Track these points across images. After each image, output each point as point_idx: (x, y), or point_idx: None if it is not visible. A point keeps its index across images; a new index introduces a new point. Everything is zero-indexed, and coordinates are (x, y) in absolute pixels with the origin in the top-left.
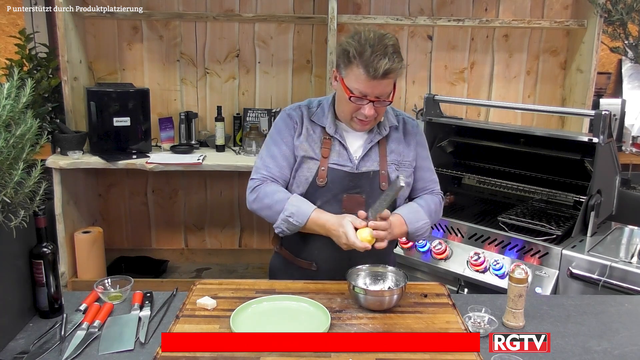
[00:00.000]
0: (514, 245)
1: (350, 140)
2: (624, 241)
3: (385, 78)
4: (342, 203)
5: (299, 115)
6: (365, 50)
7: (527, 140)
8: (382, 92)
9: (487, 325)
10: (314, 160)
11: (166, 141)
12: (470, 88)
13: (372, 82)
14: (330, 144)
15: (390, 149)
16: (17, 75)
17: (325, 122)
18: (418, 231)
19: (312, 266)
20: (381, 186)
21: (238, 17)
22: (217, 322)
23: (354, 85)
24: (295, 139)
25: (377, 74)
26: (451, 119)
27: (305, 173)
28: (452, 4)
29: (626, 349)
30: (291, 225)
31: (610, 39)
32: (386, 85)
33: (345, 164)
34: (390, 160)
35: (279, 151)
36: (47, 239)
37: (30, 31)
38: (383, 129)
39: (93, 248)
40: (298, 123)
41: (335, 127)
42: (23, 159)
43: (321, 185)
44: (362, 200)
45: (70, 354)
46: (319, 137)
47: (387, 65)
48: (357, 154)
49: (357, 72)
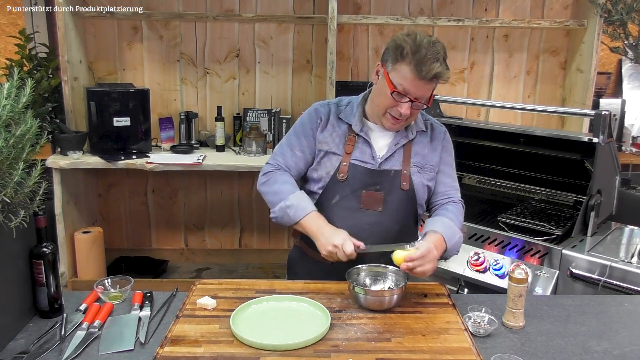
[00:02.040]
0: (514, 245)
1: (376, 139)
2: (624, 241)
3: (432, 82)
4: (361, 199)
5: (325, 112)
6: (420, 50)
7: (527, 140)
8: (424, 94)
9: (487, 325)
10: (337, 156)
11: (166, 141)
12: (470, 88)
13: (418, 83)
14: (354, 141)
15: (414, 152)
16: (17, 75)
17: (353, 120)
18: (454, 247)
19: (327, 260)
20: (402, 186)
21: (238, 17)
22: (217, 322)
23: (399, 81)
24: (319, 133)
25: (428, 75)
26: (451, 119)
27: (327, 167)
28: (452, 4)
29: (626, 349)
30: (286, 216)
31: (610, 39)
32: (429, 89)
33: (367, 161)
34: (413, 162)
35: (298, 143)
36: (47, 239)
37: (30, 31)
38: (410, 133)
39: (93, 248)
40: (323, 119)
41: (361, 126)
42: (23, 159)
43: (341, 179)
44: (381, 197)
45: (70, 354)
46: (344, 134)
47: (438, 69)
48: (382, 153)
49: (406, 69)
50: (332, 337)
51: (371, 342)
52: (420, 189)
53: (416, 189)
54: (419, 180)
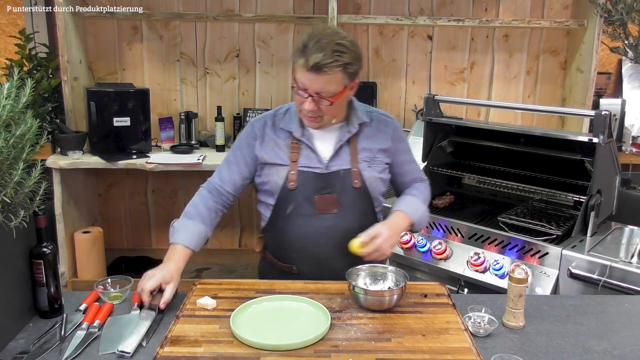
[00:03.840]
0: (514, 245)
1: (319, 142)
2: (624, 241)
3: (320, 73)
4: (315, 204)
5: (260, 126)
6: (310, 42)
7: (527, 140)
8: (322, 88)
9: (487, 325)
10: (283, 166)
11: (166, 141)
12: (470, 88)
13: (307, 75)
14: (298, 147)
15: (361, 147)
16: (17, 75)
17: (292, 126)
18: (421, 220)
19: (293, 269)
20: (353, 184)
21: (238, 17)
22: (217, 322)
23: (297, 75)
24: (259, 148)
25: (308, 65)
26: (451, 119)
27: (275, 179)
28: (452, 4)
29: (626, 349)
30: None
31: (610, 39)
32: (325, 82)
33: (315, 166)
34: (361, 158)
35: (234, 158)
36: (47, 239)
37: (30, 31)
38: (352, 127)
39: (93, 248)
40: (258, 134)
41: (302, 131)
42: (23, 159)
43: (292, 188)
44: (335, 199)
45: (70, 354)
46: (285, 143)
47: (317, 59)
48: (328, 155)
49: (299, 62)
50: (332, 337)
51: (371, 342)
52: (373, 183)
53: (369, 185)
54: (370, 175)
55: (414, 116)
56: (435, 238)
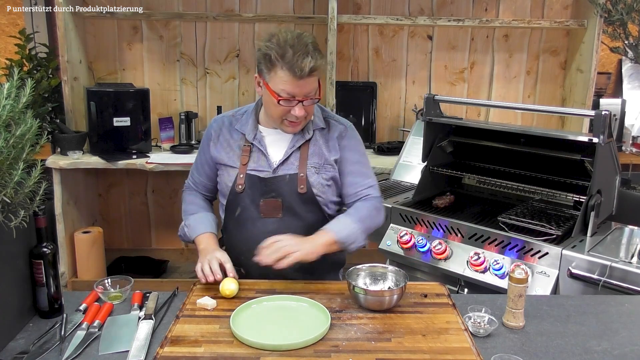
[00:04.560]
0: (514, 245)
1: (272, 145)
2: (624, 241)
3: (311, 76)
4: (260, 208)
5: (217, 126)
6: (286, 52)
7: (527, 140)
8: (309, 90)
9: (487, 325)
10: (233, 168)
11: (166, 141)
12: (470, 88)
13: (298, 82)
14: (249, 150)
15: (311, 152)
16: (17, 75)
17: (246, 129)
18: (348, 238)
19: (241, 271)
20: (299, 189)
21: (238, 17)
22: (217, 322)
23: (280, 87)
24: (213, 148)
25: (303, 73)
26: (451, 119)
27: (225, 180)
28: (452, 4)
29: (626, 349)
30: (184, 235)
31: (610, 39)
32: (312, 83)
33: (262, 169)
34: (310, 164)
35: (199, 160)
36: (47, 239)
37: (30, 31)
38: (307, 133)
39: (93, 248)
40: (214, 134)
41: (254, 134)
42: (23, 159)
43: (239, 191)
44: (279, 204)
45: (70, 354)
46: (238, 145)
47: (312, 63)
48: (278, 159)
49: (281, 74)
50: (332, 337)
51: (371, 342)
52: (320, 189)
53: (315, 191)
54: (317, 181)
55: (414, 116)
56: (435, 238)
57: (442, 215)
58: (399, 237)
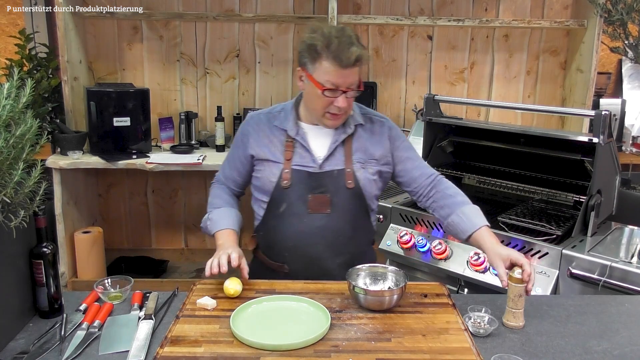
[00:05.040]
0: (514, 245)
1: (314, 141)
2: (624, 241)
3: (355, 66)
4: (308, 203)
5: (255, 122)
6: (332, 42)
7: (527, 140)
8: (352, 81)
9: (487, 325)
10: (277, 164)
11: (166, 141)
12: (470, 88)
13: (343, 72)
14: (292, 146)
15: (355, 148)
16: (17, 75)
17: (287, 125)
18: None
19: (284, 268)
20: (347, 184)
21: (238, 17)
22: (217, 322)
23: (324, 78)
24: (253, 144)
25: (349, 62)
26: (451, 119)
27: (268, 176)
28: (452, 4)
29: (626, 349)
30: (206, 228)
31: (610, 39)
32: (355, 73)
33: (308, 165)
34: (355, 159)
35: (232, 155)
36: (47, 239)
37: (30, 31)
38: (348, 128)
39: (93, 248)
40: (254, 130)
41: (297, 129)
42: (23, 159)
43: (285, 187)
44: (327, 199)
45: (70, 354)
46: (280, 141)
47: (357, 52)
48: (322, 154)
49: (326, 64)
50: (332, 337)
51: (371, 342)
52: (367, 184)
53: (362, 186)
54: (364, 177)
55: (414, 116)
56: (435, 238)
57: None
58: (399, 237)
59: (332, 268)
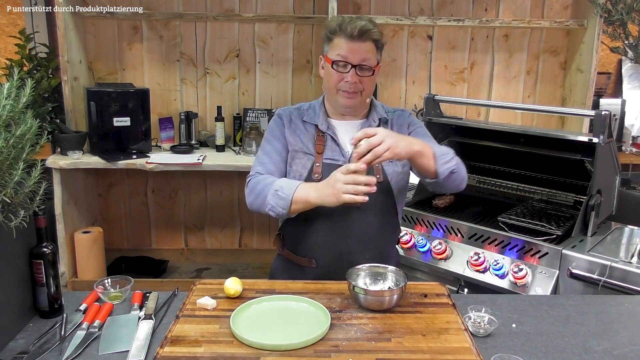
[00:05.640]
0: (514, 245)
1: (343, 136)
2: (624, 241)
3: (364, 40)
4: None
5: (287, 114)
6: (343, 22)
7: (527, 140)
8: (364, 57)
9: (487, 325)
10: (308, 156)
11: (166, 141)
12: (470, 88)
13: (352, 45)
14: (323, 140)
15: None
16: (17, 75)
17: (317, 119)
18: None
19: (312, 263)
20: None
21: (238, 17)
22: (217, 322)
23: (335, 52)
24: (287, 135)
25: (354, 32)
26: (451, 119)
27: (299, 168)
28: (452, 4)
29: (626, 349)
30: (280, 200)
31: (610, 39)
32: (367, 50)
33: (339, 159)
34: None
35: (271, 147)
36: (47, 239)
37: (30, 31)
38: (372, 121)
39: (93, 248)
40: (287, 121)
41: (327, 124)
42: (23, 159)
43: (317, 180)
44: None
45: (70, 354)
46: (311, 135)
47: (363, 25)
48: (350, 149)
49: (337, 40)
50: (332, 337)
51: (371, 342)
52: (395, 177)
53: (391, 179)
54: (392, 170)
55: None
56: (435, 238)
57: (442, 215)
58: (399, 237)
59: (360, 263)
